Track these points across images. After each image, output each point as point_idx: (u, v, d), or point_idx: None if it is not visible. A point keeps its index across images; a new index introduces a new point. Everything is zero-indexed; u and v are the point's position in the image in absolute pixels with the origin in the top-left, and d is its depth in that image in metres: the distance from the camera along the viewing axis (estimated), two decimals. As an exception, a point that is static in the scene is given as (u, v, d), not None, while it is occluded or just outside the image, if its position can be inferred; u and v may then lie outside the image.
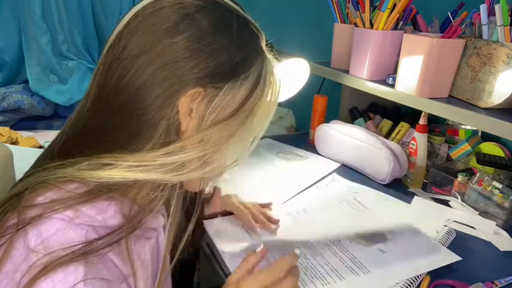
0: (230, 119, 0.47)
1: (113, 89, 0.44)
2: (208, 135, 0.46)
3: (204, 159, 0.47)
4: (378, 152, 1.01)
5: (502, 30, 0.77)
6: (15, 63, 1.47)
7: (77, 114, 0.48)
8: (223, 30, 0.46)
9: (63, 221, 0.41)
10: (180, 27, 0.43)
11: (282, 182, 1.00)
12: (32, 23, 1.39)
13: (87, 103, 0.46)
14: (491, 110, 0.81)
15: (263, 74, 0.49)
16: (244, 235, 0.77)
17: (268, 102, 0.51)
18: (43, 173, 0.44)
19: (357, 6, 1.03)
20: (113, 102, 0.44)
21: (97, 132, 0.45)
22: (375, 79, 1.05)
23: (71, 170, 0.43)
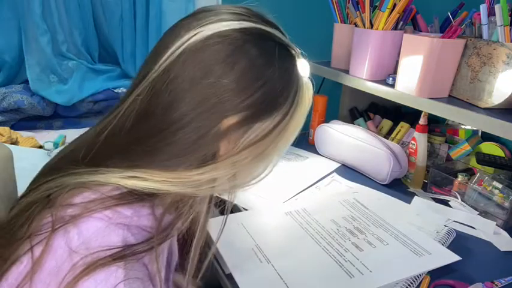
0: (263, 140, 0.49)
1: (158, 116, 0.46)
2: (241, 156, 0.48)
3: (234, 175, 0.50)
4: (378, 152, 1.01)
5: (502, 30, 0.77)
6: (15, 63, 1.47)
7: (112, 127, 0.49)
8: (268, 61, 0.48)
9: (102, 221, 0.43)
10: (229, 61, 0.45)
11: (282, 182, 1.00)
12: (32, 23, 1.39)
13: (126, 121, 0.47)
14: (491, 110, 0.81)
15: (297, 96, 0.52)
16: (244, 234, 0.77)
17: (297, 121, 0.53)
18: (73, 177, 0.46)
19: (357, 6, 1.03)
20: (155, 127, 0.46)
21: (135, 150, 0.47)
22: (375, 79, 1.05)
23: (106, 176, 0.45)
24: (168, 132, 0.46)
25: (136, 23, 1.59)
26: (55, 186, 0.45)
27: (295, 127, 0.53)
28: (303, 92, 0.53)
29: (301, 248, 0.73)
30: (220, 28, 0.46)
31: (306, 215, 0.84)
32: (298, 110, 0.52)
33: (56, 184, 0.46)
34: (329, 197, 0.93)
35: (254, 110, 0.47)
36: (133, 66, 1.65)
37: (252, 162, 0.51)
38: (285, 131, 0.51)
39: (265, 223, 0.81)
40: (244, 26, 0.48)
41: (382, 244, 0.75)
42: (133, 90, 0.48)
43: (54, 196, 0.45)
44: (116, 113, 0.49)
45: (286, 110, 0.50)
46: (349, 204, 0.89)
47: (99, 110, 1.57)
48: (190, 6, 1.61)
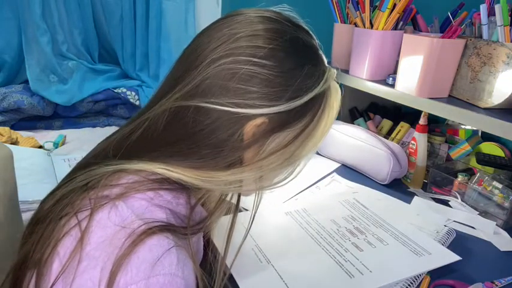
0: (290, 145, 0.50)
1: (189, 119, 0.47)
2: (268, 161, 0.49)
3: (261, 177, 0.52)
4: (378, 152, 1.01)
5: (502, 30, 0.77)
6: (15, 63, 1.47)
7: (144, 128, 0.50)
8: (298, 65, 0.48)
9: (145, 200, 0.45)
10: (259, 64, 0.46)
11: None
12: (32, 23, 1.39)
13: (159, 123, 0.49)
14: (491, 110, 0.81)
15: (325, 100, 0.52)
16: (243, 233, 0.77)
17: (324, 125, 0.53)
18: (110, 167, 0.48)
19: (357, 6, 1.03)
20: (187, 130, 0.48)
21: (167, 151, 0.49)
22: (375, 79, 1.05)
23: (142, 165, 0.47)
24: (200, 136, 0.47)
25: (136, 23, 1.59)
26: (92, 176, 0.47)
27: (323, 131, 0.53)
28: (331, 96, 0.53)
29: (301, 248, 0.73)
30: (251, 32, 0.47)
31: (306, 215, 0.84)
32: (326, 114, 0.52)
33: (92, 174, 0.48)
34: (329, 197, 0.93)
35: (283, 114, 0.48)
36: (133, 66, 1.65)
37: (278, 166, 0.51)
38: (313, 135, 0.52)
39: (265, 223, 0.81)
40: (274, 28, 0.49)
41: (382, 244, 0.75)
42: (167, 92, 0.49)
43: (92, 183, 0.47)
44: (148, 114, 0.50)
45: (314, 114, 0.50)
46: (349, 204, 0.89)
47: (99, 110, 1.57)
48: (190, 6, 1.61)
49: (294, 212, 0.85)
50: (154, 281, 0.39)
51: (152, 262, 0.40)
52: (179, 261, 0.42)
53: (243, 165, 0.49)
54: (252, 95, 0.46)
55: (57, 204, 0.47)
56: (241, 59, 0.46)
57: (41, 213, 0.48)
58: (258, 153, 0.49)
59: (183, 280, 0.41)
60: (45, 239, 0.44)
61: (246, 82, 0.46)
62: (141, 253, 0.40)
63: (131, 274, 0.39)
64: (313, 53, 0.52)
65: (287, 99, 0.47)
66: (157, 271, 0.40)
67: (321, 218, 0.83)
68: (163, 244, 0.42)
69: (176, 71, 0.50)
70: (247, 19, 0.49)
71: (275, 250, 0.72)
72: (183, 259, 0.43)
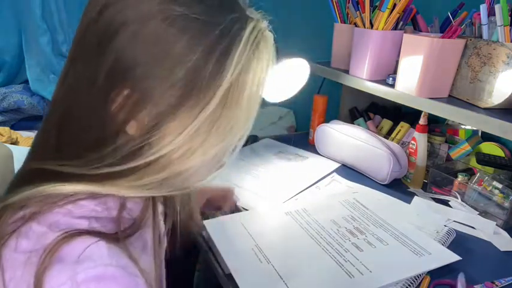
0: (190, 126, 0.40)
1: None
2: (188, 145, 0.41)
3: (176, 171, 0.43)
4: (378, 152, 1.01)
5: (502, 30, 0.77)
6: (15, 63, 1.47)
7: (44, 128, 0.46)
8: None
9: (62, 214, 0.40)
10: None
11: (282, 181, 1.00)
12: (32, 23, 1.39)
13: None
14: (491, 110, 0.81)
15: (244, 56, 0.40)
16: (244, 234, 0.77)
17: (251, 86, 0.41)
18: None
19: (357, 6, 1.03)
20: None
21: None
22: (374, 79, 1.05)
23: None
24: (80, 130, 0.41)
25: (136, 23, 1.59)
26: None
27: (249, 95, 0.41)
28: (252, 51, 0.41)
29: (301, 248, 0.73)
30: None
31: (306, 215, 0.84)
32: (247, 72, 0.40)
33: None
34: (329, 197, 0.93)
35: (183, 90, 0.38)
36: (133, 66, 1.66)
37: (208, 145, 0.41)
38: (235, 103, 0.40)
39: (265, 223, 0.81)
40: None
41: (382, 244, 0.75)
42: None
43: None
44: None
45: (228, 75, 0.39)
46: (349, 204, 0.89)
47: (99, 110, 1.57)
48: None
49: (294, 212, 0.85)
50: (85, 276, 0.36)
51: (76, 259, 0.37)
52: (112, 252, 0.38)
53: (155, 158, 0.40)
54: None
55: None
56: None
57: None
58: (174, 140, 0.40)
59: (120, 269, 0.38)
60: None
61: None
62: (63, 256, 0.37)
63: (56, 278, 0.36)
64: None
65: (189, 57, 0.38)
66: (87, 265, 0.36)
67: (321, 218, 0.83)
68: (87, 241, 0.38)
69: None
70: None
71: (275, 250, 0.72)
72: (117, 251, 0.39)
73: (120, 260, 0.39)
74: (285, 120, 1.73)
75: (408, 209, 0.89)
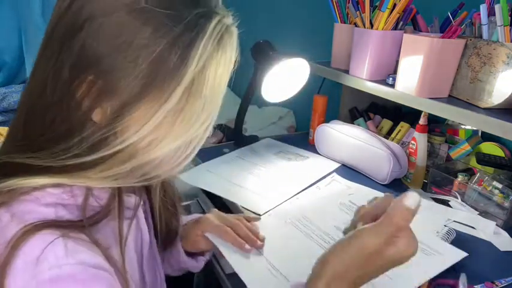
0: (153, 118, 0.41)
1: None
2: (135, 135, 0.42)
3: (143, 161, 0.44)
4: (378, 152, 1.01)
5: (502, 30, 0.77)
6: (15, 63, 1.47)
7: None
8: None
9: (30, 201, 0.42)
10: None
11: (282, 181, 1.00)
12: (32, 23, 1.39)
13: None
14: (491, 110, 0.81)
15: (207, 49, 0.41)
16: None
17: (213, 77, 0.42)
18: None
19: (357, 6, 1.03)
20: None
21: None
22: (374, 79, 1.05)
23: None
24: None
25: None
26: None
27: (212, 87, 0.42)
28: (216, 43, 0.41)
29: (312, 259, 0.71)
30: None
31: (309, 223, 0.81)
32: (210, 64, 0.41)
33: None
34: (329, 197, 0.93)
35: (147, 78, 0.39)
36: (133, 66, 1.66)
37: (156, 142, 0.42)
38: (191, 100, 0.41)
39: (266, 231, 0.77)
40: None
41: None
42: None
43: None
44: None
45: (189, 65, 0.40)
46: (346, 207, 0.88)
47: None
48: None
49: (296, 222, 0.82)
50: (41, 279, 0.37)
51: (35, 261, 0.38)
52: (68, 250, 0.39)
53: (121, 147, 0.41)
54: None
55: None
56: None
57: None
58: (137, 132, 0.40)
59: (77, 266, 0.39)
60: None
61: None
62: (24, 255, 0.38)
63: (19, 278, 0.37)
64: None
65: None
66: (43, 267, 0.37)
67: (325, 225, 0.80)
68: (46, 239, 0.39)
69: None
70: None
71: (283, 261, 0.69)
72: (75, 246, 0.40)
73: (78, 255, 0.40)
74: (285, 120, 1.73)
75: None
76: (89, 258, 0.40)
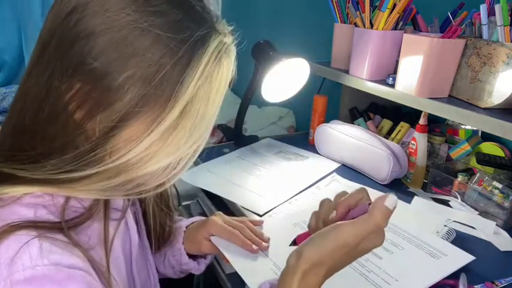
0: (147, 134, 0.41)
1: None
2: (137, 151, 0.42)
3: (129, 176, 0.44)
4: (378, 152, 1.01)
5: (502, 30, 0.77)
6: (15, 63, 1.47)
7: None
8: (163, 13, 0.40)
9: (10, 200, 0.42)
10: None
11: (282, 181, 1.00)
12: (32, 23, 1.39)
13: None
14: (491, 110, 0.81)
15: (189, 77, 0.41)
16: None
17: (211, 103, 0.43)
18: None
19: (357, 6, 1.03)
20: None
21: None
22: (374, 79, 1.05)
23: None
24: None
25: (136, 23, 1.59)
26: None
27: (206, 108, 0.42)
28: (214, 69, 0.42)
29: None
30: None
31: (306, 215, 0.81)
32: (208, 87, 0.42)
33: None
34: (329, 197, 0.92)
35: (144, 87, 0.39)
36: (133, 66, 1.66)
37: (148, 158, 0.42)
38: (187, 116, 0.41)
39: (275, 239, 0.75)
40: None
41: (398, 249, 0.72)
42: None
43: None
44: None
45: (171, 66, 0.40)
46: None
47: (99, 110, 1.57)
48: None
49: (296, 222, 0.81)
50: (14, 279, 0.37)
51: (9, 261, 0.38)
52: (43, 251, 0.39)
53: (107, 163, 0.41)
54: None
55: None
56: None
57: None
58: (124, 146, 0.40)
59: (51, 266, 0.39)
60: None
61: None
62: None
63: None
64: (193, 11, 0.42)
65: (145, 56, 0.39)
66: (16, 268, 0.38)
67: None
68: (21, 239, 0.39)
69: None
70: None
71: (277, 257, 0.69)
72: (50, 247, 0.40)
73: (52, 256, 0.40)
74: (285, 120, 1.73)
75: (408, 209, 0.89)
76: (65, 259, 0.40)
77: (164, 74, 0.39)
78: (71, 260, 0.41)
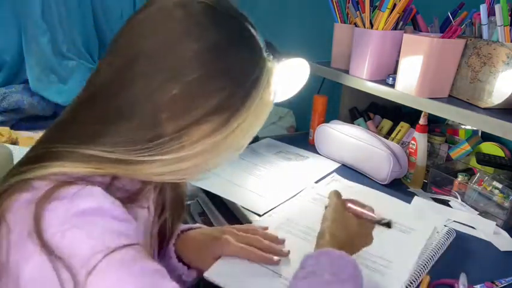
0: (214, 134, 0.49)
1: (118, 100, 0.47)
2: (192, 149, 0.48)
3: (180, 166, 0.49)
4: (378, 152, 1.01)
5: (502, 30, 0.77)
6: (15, 63, 1.47)
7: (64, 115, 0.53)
8: (232, 45, 0.48)
9: (61, 174, 0.44)
10: (192, 33, 0.46)
11: (282, 181, 1.00)
12: (32, 23, 1.39)
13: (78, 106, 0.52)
14: (491, 110, 0.81)
15: (256, 95, 0.50)
16: (256, 267, 0.68)
17: (256, 118, 0.52)
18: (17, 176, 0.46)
19: (357, 6, 1.03)
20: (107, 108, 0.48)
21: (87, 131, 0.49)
22: (374, 79, 1.05)
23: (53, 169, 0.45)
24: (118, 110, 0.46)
25: (136, 23, 1.59)
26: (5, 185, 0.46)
27: (254, 124, 0.52)
28: (267, 92, 0.51)
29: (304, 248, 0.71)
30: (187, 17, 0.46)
31: (309, 222, 0.80)
32: (259, 107, 0.51)
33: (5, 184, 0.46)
34: (309, 204, 0.89)
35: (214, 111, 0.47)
36: (133, 66, 1.66)
37: (202, 155, 0.49)
38: (246, 116, 0.49)
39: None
40: (209, 2, 0.47)
41: (377, 233, 0.74)
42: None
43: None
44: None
45: (243, 104, 0.49)
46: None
47: (99, 110, 1.57)
48: (190, 6, 1.61)
49: (296, 222, 0.80)
50: (80, 208, 0.40)
51: (72, 196, 0.41)
52: (105, 194, 0.43)
53: (164, 148, 0.46)
54: (179, 59, 0.46)
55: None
56: (171, 24, 0.46)
57: None
58: (182, 141, 0.47)
59: (113, 205, 0.42)
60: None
61: (172, 47, 0.46)
62: (59, 195, 0.41)
63: (54, 211, 0.40)
64: (252, 40, 0.50)
65: (217, 73, 0.47)
66: (83, 200, 0.41)
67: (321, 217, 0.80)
68: (83, 184, 0.43)
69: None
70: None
71: (288, 264, 0.68)
72: (111, 197, 0.44)
73: (114, 201, 0.44)
74: (285, 120, 1.73)
75: (408, 209, 0.89)
76: (122, 208, 0.44)
77: (232, 96, 0.48)
78: (127, 214, 0.45)
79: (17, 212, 0.42)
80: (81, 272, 0.37)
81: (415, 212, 0.87)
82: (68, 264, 0.37)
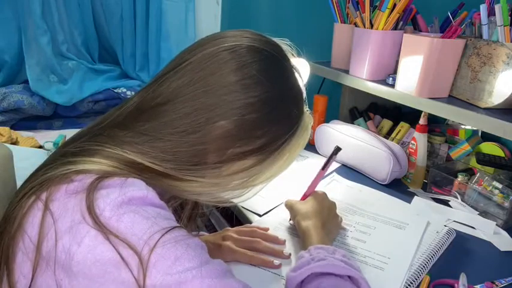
0: (251, 168, 0.54)
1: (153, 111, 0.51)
2: (228, 178, 0.53)
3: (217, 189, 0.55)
4: (378, 152, 1.01)
5: (502, 30, 0.77)
6: (15, 63, 1.47)
7: (111, 120, 0.54)
8: (276, 83, 0.52)
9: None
10: (239, 71, 0.50)
11: (282, 181, 0.99)
12: (32, 23, 1.39)
13: (123, 114, 0.53)
14: (491, 110, 0.81)
15: (292, 137, 0.55)
16: (259, 272, 0.68)
17: (287, 158, 0.57)
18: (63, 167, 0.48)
19: (357, 6, 1.03)
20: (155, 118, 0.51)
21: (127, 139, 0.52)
22: (375, 79, 1.05)
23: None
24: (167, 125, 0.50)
25: (136, 23, 1.59)
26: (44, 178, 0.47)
27: (285, 162, 0.57)
28: (301, 136, 0.57)
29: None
30: (236, 42, 0.51)
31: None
32: (293, 147, 0.56)
33: (44, 178, 0.47)
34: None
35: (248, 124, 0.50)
36: (133, 66, 1.65)
37: (237, 185, 0.54)
38: (275, 163, 0.55)
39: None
40: (256, 45, 0.53)
41: (372, 230, 0.78)
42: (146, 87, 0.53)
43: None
44: (117, 108, 0.54)
45: (285, 136, 0.54)
46: (345, 208, 0.88)
47: (99, 110, 1.57)
48: (190, 6, 1.61)
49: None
50: (129, 195, 0.43)
51: (121, 184, 0.44)
52: (147, 186, 0.46)
53: (203, 174, 0.51)
54: (224, 92, 0.49)
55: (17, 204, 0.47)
56: (220, 64, 0.50)
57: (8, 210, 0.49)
58: (221, 162, 0.51)
59: (156, 196, 0.45)
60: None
61: (219, 82, 0.49)
62: (107, 185, 0.44)
63: (106, 197, 0.42)
64: (292, 76, 0.57)
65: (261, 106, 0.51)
66: (131, 188, 0.44)
67: None
68: (126, 176, 0.46)
69: (158, 75, 0.54)
70: (234, 36, 0.53)
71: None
72: (153, 190, 0.46)
73: (154, 192, 0.46)
74: (285, 120, 1.73)
75: (408, 209, 0.89)
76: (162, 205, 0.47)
77: (275, 141, 0.53)
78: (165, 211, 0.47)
79: (63, 201, 0.43)
80: (145, 249, 0.41)
81: (414, 210, 0.88)
82: (129, 243, 0.40)
